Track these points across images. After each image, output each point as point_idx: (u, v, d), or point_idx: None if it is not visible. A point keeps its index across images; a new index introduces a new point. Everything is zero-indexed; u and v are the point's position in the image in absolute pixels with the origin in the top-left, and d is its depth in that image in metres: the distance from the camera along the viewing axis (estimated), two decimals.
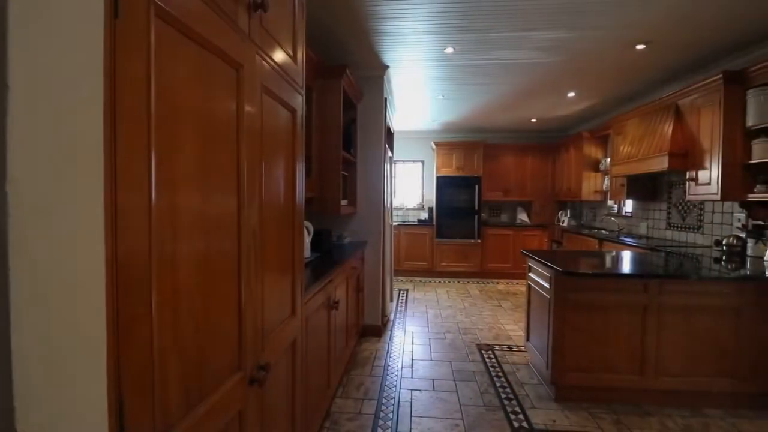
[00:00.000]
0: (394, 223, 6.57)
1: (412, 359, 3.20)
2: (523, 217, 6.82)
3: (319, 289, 1.95)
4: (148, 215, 0.66)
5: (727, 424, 2.30)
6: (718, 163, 3.02)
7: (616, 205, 5.31)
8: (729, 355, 2.44)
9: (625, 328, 2.47)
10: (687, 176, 3.40)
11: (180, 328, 0.77)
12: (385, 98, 3.89)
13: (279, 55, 1.30)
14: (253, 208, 1.07)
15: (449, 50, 3.29)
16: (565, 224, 6.14)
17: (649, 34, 2.93)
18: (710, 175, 3.11)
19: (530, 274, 3.00)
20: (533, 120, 6.03)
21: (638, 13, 2.61)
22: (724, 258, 2.96)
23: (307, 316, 1.73)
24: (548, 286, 2.59)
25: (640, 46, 3.15)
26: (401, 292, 5.58)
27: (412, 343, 3.58)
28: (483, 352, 3.38)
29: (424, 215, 7.01)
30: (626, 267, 2.66)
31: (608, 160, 5.07)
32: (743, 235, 3.08)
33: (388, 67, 3.70)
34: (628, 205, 5.01)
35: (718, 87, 3.03)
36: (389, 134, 4.84)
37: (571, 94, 4.60)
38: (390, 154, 4.57)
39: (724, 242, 3.13)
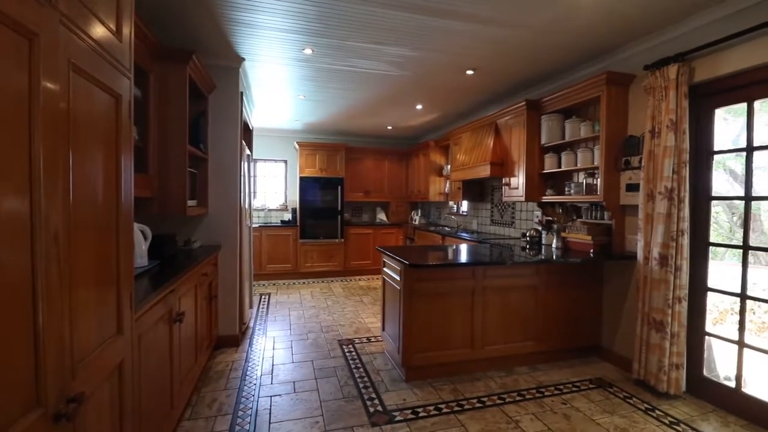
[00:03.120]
0: (255, 225, 6.24)
1: (273, 365, 3.11)
2: (382, 216, 7.31)
3: (157, 300, 1.73)
4: None
5: (530, 377, 2.93)
6: (523, 171, 3.81)
7: (455, 206, 6.17)
8: (531, 323, 3.11)
9: (459, 309, 2.90)
10: (503, 182, 4.19)
11: None
12: (242, 92, 3.67)
13: (96, 29, 1.12)
14: (54, 208, 0.89)
15: (308, 51, 3.30)
16: (417, 222, 6.84)
17: (476, 62, 3.51)
18: (518, 181, 3.90)
19: (385, 269, 3.25)
20: (389, 127, 6.51)
21: (464, 43, 3.08)
22: (527, 247, 3.74)
23: (140, 333, 1.52)
24: (399, 279, 2.86)
25: (469, 72, 3.74)
26: (263, 296, 5.34)
27: (273, 348, 3.47)
28: (344, 347, 3.50)
29: (288, 216, 6.86)
30: (459, 257, 3.12)
31: (449, 166, 5.85)
32: (540, 228, 3.95)
33: (244, 59, 3.49)
34: (464, 206, 5.88)
35: (522, 111, 3.82)
36: (247, 130, 4.58)
37: (419, 107, 5.15)
38: (248, 151, 4.32)
39: (527, 234, 3.97)
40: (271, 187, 7.16)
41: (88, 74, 1.06)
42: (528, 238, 3.93)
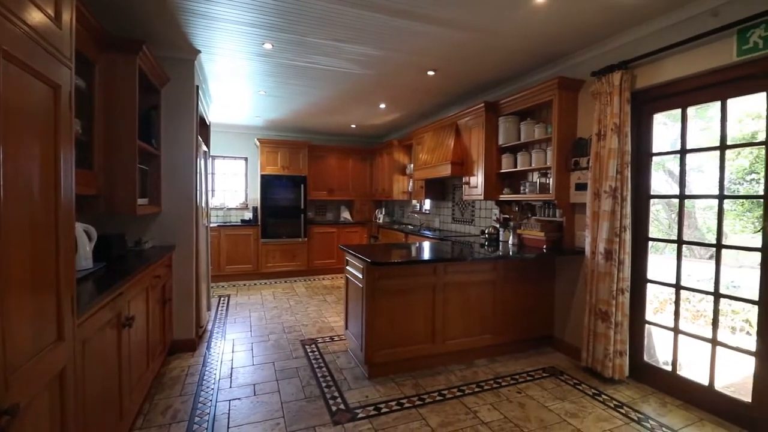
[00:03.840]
0: (213, 224, 6.02)
1: (232, 368, 3.02)
2: (346, 215, 7.28)
3: (104, 304, 1.63)
4: None
5: (488, 368, 3.04)
6: (482, 171, 3.93)
7: (418, 204, 6.27)
8: (489, 317, 3.22)
9: (421, 305, 2.96)
10: (463, 181, 4.31)
11: None
12: (197, 86, 3.52)
13: (32, 15, 1.04)
14: None
15: (268, 46, 3.22)
16: (381, 221, 6.87)
17: (436, 63, 3.57)
18: (478, 180, 4.03)
19: (347, 267, 3.25)
20: (353, 126, 6.49)
21: (425, 44, 3.13)
22: (486, 243, 3.87)
23: (84, 338, 1.43)
24: (361, 277, 2.87)
25: (430, 72, 3.80)
26: (222, 298, 5.16)
27: (233, 351, 3.37)
28: (307, 347, 3.46)
29: (249, 215, 6.68)
30: (421, 255, 3.17)
31: (412, 165, 5.92)
32: (498, 225, 4.09)
33: (200, 51, 3.35)
34: (427, 204, 5.99)
35: (481, 113, 3.94)
36: (204, 126, 4.41)
37: (382, 106, 5.17)
38: (205, 148, 4.16)
39: (486, 231, 4.11)
40: (230, 185, 6.93)
41: (22, 62, 0.99)
42: (486, 236, 4.07)
